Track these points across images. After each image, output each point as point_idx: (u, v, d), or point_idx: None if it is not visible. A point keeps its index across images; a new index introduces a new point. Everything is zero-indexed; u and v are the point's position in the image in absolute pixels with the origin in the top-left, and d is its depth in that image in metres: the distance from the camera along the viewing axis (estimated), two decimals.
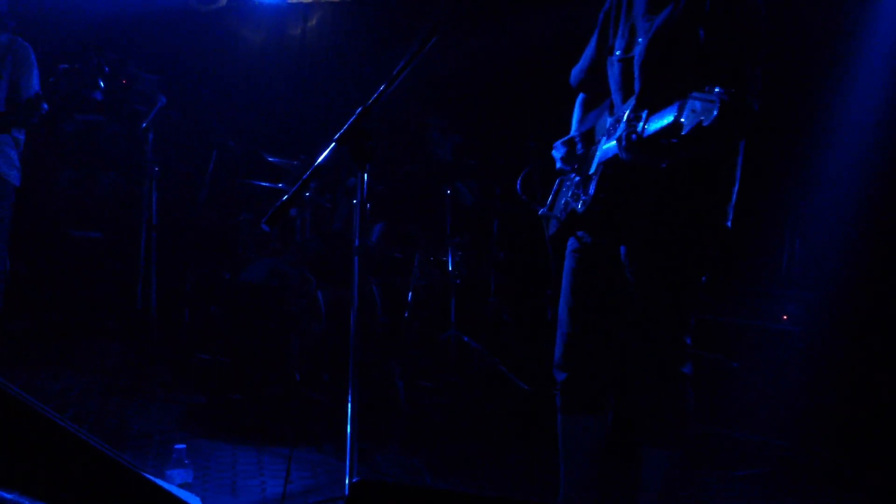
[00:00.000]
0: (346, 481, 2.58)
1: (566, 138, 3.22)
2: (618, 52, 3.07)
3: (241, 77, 7.64)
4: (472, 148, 6.18)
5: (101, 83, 5.72)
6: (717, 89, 2.34)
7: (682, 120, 2.41)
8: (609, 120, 3.07)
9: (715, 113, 2.31)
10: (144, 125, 5.96)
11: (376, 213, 6.12)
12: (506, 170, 5.40)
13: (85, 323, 6.75)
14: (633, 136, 2.67)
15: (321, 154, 2.62)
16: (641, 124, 2.65)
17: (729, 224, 3.05)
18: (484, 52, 6.42)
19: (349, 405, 2.59)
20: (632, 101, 2.88)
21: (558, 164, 3.24)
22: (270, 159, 5.99)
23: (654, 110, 2.63)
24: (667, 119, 2.52)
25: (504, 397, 5.23)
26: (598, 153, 3.02)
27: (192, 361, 5.92)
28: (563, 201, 3.20)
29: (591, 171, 3.02)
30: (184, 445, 3.78)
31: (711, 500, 4.01)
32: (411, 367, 5.31)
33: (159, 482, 2.12)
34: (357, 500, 1.62)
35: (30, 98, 4.92)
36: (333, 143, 2.56)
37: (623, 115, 2.84)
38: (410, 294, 5.37)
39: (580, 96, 3.41)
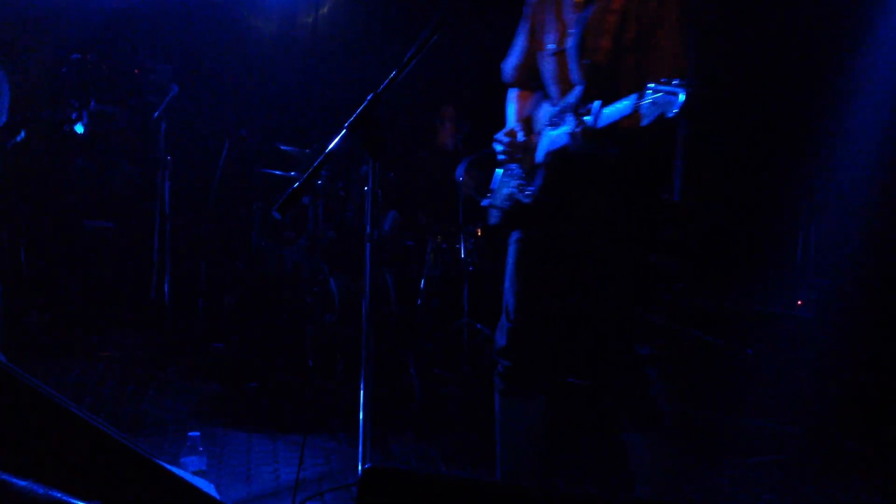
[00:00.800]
0: (359, 468, 2.59)
1: (506, 129, 3.22)
2: (550, 46, 3.08)
3: (254, 66, 7.64)
4: (484, 136, 6.15)
5: (84, 119, 5.68)
6: (675, 81, 2.44)
7: (641, 112, 2.48)
8: (551, 110, 3.08)
9: (676, 108, 2.41)
10: (157, 115, 5.97)
11: (388, 202, 6.11)
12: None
13: (99, 312, 6.77)
14: (586, 126, 2.71)
15: (333, 142, 2.61)
16: (593, 117, 2.70)
17: (676, 197, 3.08)
18: (496, 40, 6.40)
19: (361, 393, 2.59)
20: (576, 92, 2.91)
21: (500, 157, 3.25)
22: (283, 148, 5.99)
23: (606, 102, 2.68)
24: (623, 110, 2.59)
25: None
26: (544, 143, 3.04)
27: (206, 350, 5.94)
28: (505, 192, 3.23)
29: (538, 161, 3.04)
30: (198, 433, 3.79)
31: (727, 487, 4.00)
32: (425, 355, 5.31)
33: (174, 469, 2.13)
34: (368, 487, 1.62)
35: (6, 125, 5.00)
36: (344, 130, 2.55)
37: (570, 106, 2.88)
38: (423, 282, 5.37)
39: (513, 91, 3.41)
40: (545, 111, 3.13)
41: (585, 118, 2.71)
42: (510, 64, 3.37)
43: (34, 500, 1.41)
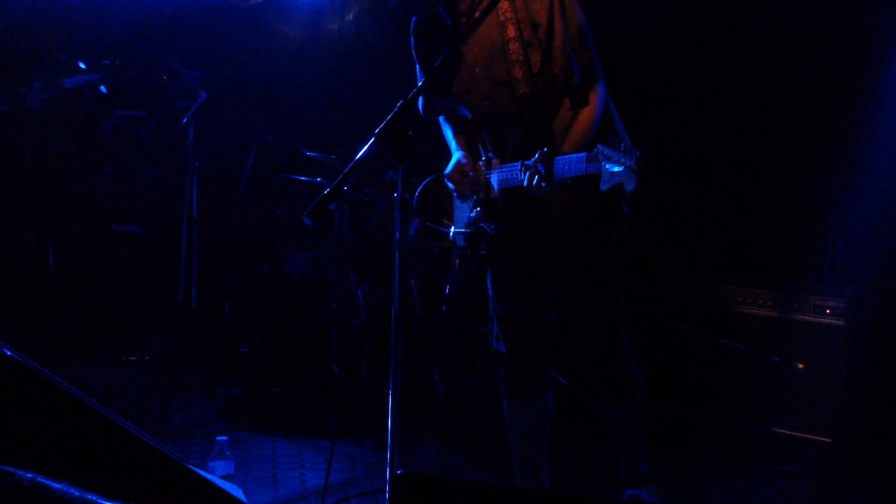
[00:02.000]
0: (387, 474, 2.59)
1: (452, 166, 3.26)
2: (461, 91, 3.17)
3: (280, 72, 7.68)
4: None
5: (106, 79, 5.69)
6: (623, 146, 2.60)
7: (599, 173, 2.65)
8: (489, 150, 3.17)
9: (636, 182, 2.60)
10: (185, 120, 6.02)
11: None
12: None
13: (127, 317, 6.83)
14: (543, 183, 2.85)
15: (360, 148, 2.62)
16: (540, 178, 2.84)
17: (627, 211, 3.18)
18: None
19: (390, 399, 2.59)
20: (517, 131, 3.02)
21: (455, 193, 3.34)
22: (309, 154, 6.02)
23: (554, 154, 2.84)
24: (576, 171, 2.77)
25: None
26: (497, 178, 3.13)
27: (233, 354, 5.98)
28: (467, 216, 3.31)
29: (494, 194, 3.14)
30: (226, 438, 3.82)
31: (753, 496, 3.97)
32: (449, 360, 5.31)
33: (202, 473, 2.14)
34: (400, 492, 1.62)
35: None
36: (373, 138, 2.56)
37: (514, 145, 3.02)
38: (448, 287, 5.38)
39: (442, 118, 3.48)
40: (483, 143, 3.21)
41: (536, 170, 2.85)
42: (422, 104, 3.40)
43: (70, 501, 1.43)
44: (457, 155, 3.28)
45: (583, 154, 2.75)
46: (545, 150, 2.84)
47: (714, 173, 5.59)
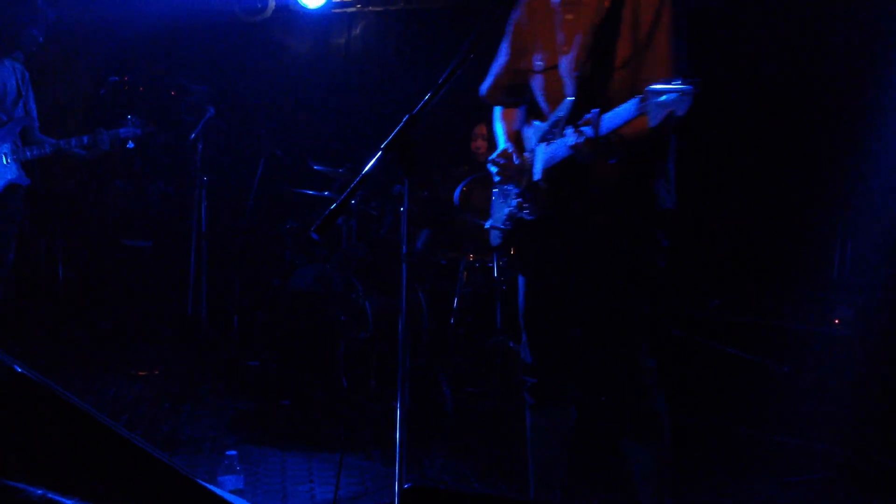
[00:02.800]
0: (395, 488, 2.59)
1: (499, 151, 3.23)
2: (539, 64, 3.10)
3: (287, 86, 7.73)
4: None
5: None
6: (675, 80, 2.42)
7: (648, 113, 2.45)
8: (541, 126, 3.09)
9: (687, 104, 2.39)
10: (193, 136, 6.05)
11: (421, 220, 6.14)
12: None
13: (137, 331, 6.86)
14: (588, 136, 2.69)
15: (367, 162, 2.63)
16: (592, 126, 2.67)
17: (672, 206, 3.06)
18: None
19: (398, 411, 2.59)
20: (566, 104, 2.92)
21: (496, 178, 3.27)
22: (316, 168, 6.04)
23: (605, 109, 2.67)
24: (624, 114, 2.58)
25: None
26: (541, 159, 3.04)
27: (242, 368, 5.99)
28: (505, 212, 3.25)
29: (536, 178, 3.04)
30: (235, 452, 3.83)
31: None
32: (457, 373, 5.32)
33: (212, 488, 2.15)
34: None
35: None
36: (380, 152, 2.57)
37: (561, 119, 2.90)
38: (456, 300, 5.38)
39: (498, 109, 3.43)
40: (535, 128, 3.15)
41: (584, 128, 2.71)
42: (487, 83, 3.39)
43: None
44: (505, 144, 3.28)
45: (634, 98, 2.57)
46: (597, 110, 2.70)
47: (722, 182, 5.59)
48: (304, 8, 7.12)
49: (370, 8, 7.56)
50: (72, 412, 1.96)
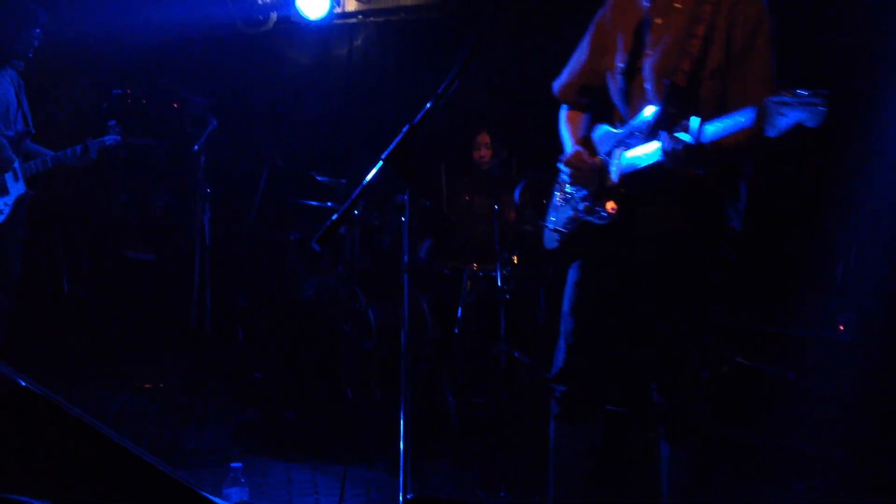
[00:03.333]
0: (400, 499, 2.58)
1: (571, 153, 3.19)
2: (621, 65, 3.06)
3: (289, 98, 7.74)
4: (520, 163, 6.18)
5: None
6: (800, 91, 2.38)
7: (768, 124, 2.42)
8: (617, 132, 3.06)
9: (820, 116, 2.39)
10: (196, 148, 6.06)
11: (424, 229, 6.14)
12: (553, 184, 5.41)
13: (141, 342, 6.86)
14: (688, 144, 2.65)
15: (369, 172, 2.63)
16: (693, 134, 2.64)
17: (739, 227, 3.04)
18: (531, 66, 6.43)
19: (401, 422, 2.59)
20: (657, 112, 2.88)
21: (567, 180, 3.22)
22: (319, 178, 6.05)
23: (707, 118, 2.64)
24: (735, 125, 2.54)
25: None
26: (620, 164, 2.99)
27: (246, 379, 5.99)
28: (568, 215, 3.20)
29: (613, 181, 3.00)
30: (240, 464, 3.82)
31: None
32: (462, 382, 5.31)
33: (217, 500, 2.15)
34: None
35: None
36: (381, 162, 2.57)
37: (648, 126, 2.86)
38: (460, 309, 5.38)
39: (563, 110, 3.39)
40: (608, 133, 3.11)
41: (680, 135, 2.67)
42: (561, 80, 3.36)
43: None
44: (575, 147, 3.21)
45: (747, 108, 2.52)
46: (697, 117, 2.67)
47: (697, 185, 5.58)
48: (305, 19, 7.14)
49: (371, 19, 7.58)
50: (77, 426, 1.96)
